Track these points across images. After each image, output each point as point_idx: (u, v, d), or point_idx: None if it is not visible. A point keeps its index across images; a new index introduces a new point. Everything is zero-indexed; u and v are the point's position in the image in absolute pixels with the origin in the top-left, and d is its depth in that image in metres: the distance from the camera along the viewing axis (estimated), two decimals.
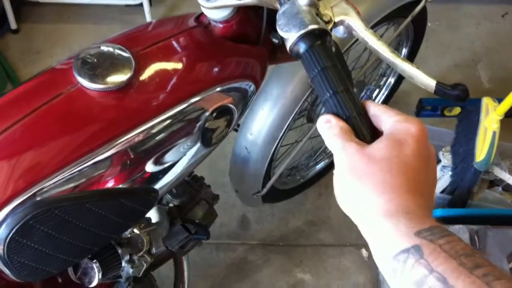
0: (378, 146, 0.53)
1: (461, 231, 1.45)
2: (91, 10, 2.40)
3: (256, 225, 1.88)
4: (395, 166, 0.51)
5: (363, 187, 0.52)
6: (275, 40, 0.90)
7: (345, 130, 0.57)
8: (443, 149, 1.72)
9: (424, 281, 0.44)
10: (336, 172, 0.55)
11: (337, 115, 0.59)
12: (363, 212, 0.52)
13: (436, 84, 0.66)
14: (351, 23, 0.70)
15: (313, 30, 0.63)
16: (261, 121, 1.33)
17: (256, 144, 1.36)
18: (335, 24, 0.70)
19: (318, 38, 0.63)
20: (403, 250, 0.46)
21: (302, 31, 0.63)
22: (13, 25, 2.28)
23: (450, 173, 1.67)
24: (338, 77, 0.61)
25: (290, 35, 0.64)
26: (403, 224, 0.48)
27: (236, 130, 1.35)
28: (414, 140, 0.53)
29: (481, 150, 1.52)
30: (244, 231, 1.86)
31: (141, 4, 2.24)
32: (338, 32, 0.73)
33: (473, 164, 1.54)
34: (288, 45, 0.65)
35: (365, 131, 0.58)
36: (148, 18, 2.28)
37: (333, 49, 0.65)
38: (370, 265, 1.80)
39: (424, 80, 0.67)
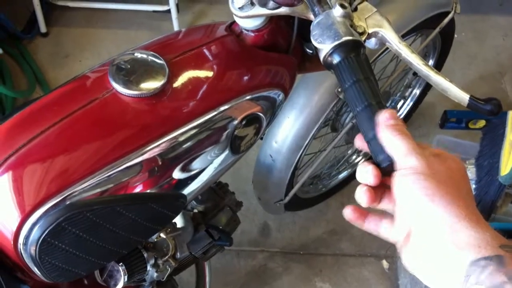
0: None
1: None
2: (120, 16, 2.42)
3: (277, 232, 1.87)
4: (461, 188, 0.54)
5: (447, 196, 0.52)
6: (309, 51, 0.90)
7: None
8: (467, 162, 1.71)
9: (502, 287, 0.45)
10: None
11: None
12: (447, 214, 0.51)
13: (470, 98, 0.66)
14: (385, 35, 0.70)
15: (347, 42, 0.63)
16: (287, 129, 1.33)
17: (281, 152, 1.36)
18: (369, 36, 0.70)
19: (352, 49, 0.63)
20: (486, 257, 0.47)
21: (336, 42, 0.63)
22: (42, 28, 2.31)
23: (474, 186, 1.65)
24: (371, 90, 0.61)
25: (324, 46, 0.64)
26: (490, 236, 0.49)
27: (261, 138, 1.36)
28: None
29: (506, 164, 1.50)
30: (265, 238, 1.86)
31: (168, 11, 2.25)
32: (370, 44, 0.73)
33: (498, 178, 1.51)
34: (322, 55, 0.65)
35: None
36: (175, 25, 2.30)
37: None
38: (390, 277, 1.78)
39: (457, 93, 0.66)
